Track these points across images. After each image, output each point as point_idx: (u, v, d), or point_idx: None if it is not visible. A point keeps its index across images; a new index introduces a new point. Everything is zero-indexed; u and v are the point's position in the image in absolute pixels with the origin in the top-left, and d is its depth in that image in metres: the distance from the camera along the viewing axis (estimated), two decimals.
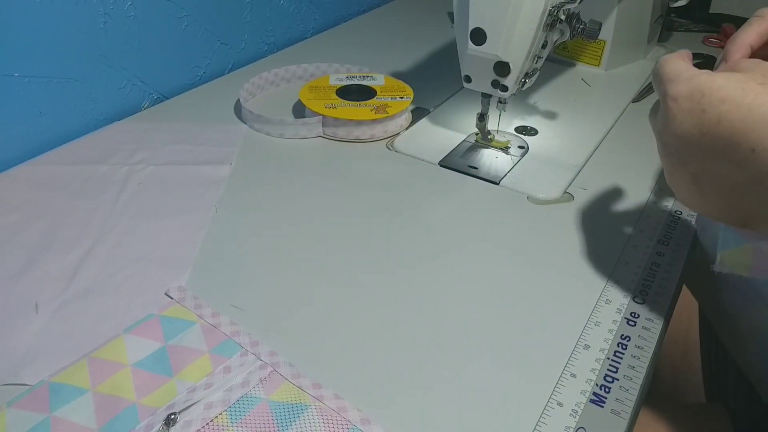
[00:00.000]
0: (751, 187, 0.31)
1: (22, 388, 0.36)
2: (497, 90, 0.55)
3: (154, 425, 0.34)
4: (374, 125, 0.61)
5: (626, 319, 0.41)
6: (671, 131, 0.33)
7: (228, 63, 0.78)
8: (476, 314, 0.42)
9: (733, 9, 0.93)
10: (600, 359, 0.38)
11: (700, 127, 0.31)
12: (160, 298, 0.42)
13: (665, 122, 0.33)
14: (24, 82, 0.57)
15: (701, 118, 0.31)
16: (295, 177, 0.56)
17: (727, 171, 0.31)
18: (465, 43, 0.53)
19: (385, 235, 0.49)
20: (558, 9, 0.51)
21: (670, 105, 0.33)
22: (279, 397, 0.35)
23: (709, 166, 0.32)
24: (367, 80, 0.67)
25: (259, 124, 0.63)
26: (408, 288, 0.44)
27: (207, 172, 0.56)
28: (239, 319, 0.41)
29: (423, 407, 0.35)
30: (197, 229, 0.49)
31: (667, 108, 0.33)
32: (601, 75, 0.77)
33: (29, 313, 0.41)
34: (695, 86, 0.32)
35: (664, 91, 0.33)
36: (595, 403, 0.36)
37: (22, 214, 0.50)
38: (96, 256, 0.46)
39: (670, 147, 0.34)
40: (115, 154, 0.58)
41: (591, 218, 0.51)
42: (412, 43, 0.85)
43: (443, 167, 0.58)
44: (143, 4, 0.65)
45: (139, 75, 0.67)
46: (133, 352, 0.38)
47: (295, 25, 0.87)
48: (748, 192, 0.31)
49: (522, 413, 0.35)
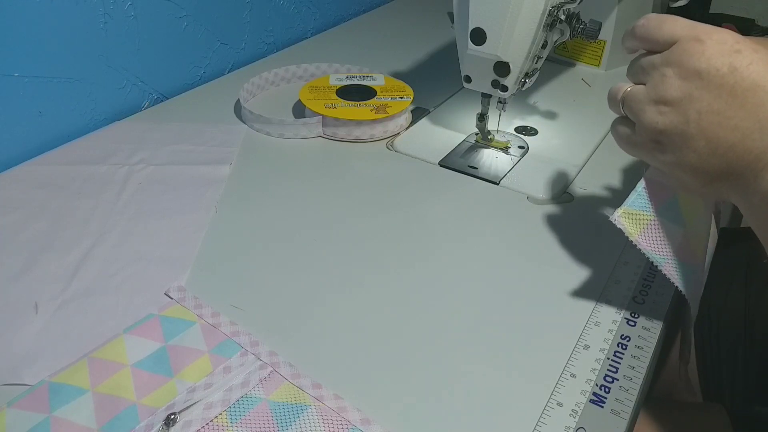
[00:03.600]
0: (755, 132, 0.32)
1: (22, 388, 0.36)
2: (497, 90, 0.55)
3: (154, 425, 0.34)
4: (374, 125, 0.61)
5: (626, 319, 0.41)
6: (695, 67, 0.33)
7: (228, 63, 0.78)
8: (476, 314, 0.42)
9: (733, 9, 0.93)
10: (600, 359, 0.38)
11: (730, 65, 0.32)
12: (160, 298, 0.42)
13: (689, 59, 0.33)
14: (24, 82, 0.57)
15: (734, 57, 0.32)
16: (295, 177, 0.56)
17: (736, 113, 0.32)
18: (465, 43, 0.53)
19: (385, 235, 0.49)
20: (558, 9, 0.51)
21: (701, 42, 0.33)
22: (279, 397, 0.35)
23: (721, 104, 0.32)
24: (367, 80, 0.67)
25: (259, 124, 0.63)
26: (408, 288, 0.44)
27: (207, 172, 0.56)
28: (239, 319, 0.41)
29: (423, 407, 0.35)
30: (197, 229, 0.49)
31: (695, 46, 0.33)
32: (601, 75, 0.77)
33: (29, 313, 0.41)
34: (726, 35, 0.33)
35: (691, 38, 0.34)
36: (595, 403, 0.36)
37: (22, 214, 0.50)
38: (96, 256, 0.46)
39: (685, 82, 0.34)
40: (115, 154, 0.58)
41: (591, 218, 0.51)
42: (412, 43, 0.85)
43: (443, 167, 0.58)
44: (143, 4, 0.65)
45: (139, 75, 0.67)
46: (133, 352, 0.38)
47: (295, 25, 0.87)
48: (748, 137, 0.32)
49: (522, 413, 0.35)
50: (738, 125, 0.32)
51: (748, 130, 0.32)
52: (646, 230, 0.37)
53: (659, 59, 0.35)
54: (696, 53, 0.33)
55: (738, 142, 0.32)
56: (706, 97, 0.33)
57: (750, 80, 0.32)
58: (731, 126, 0.32)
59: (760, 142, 0.32)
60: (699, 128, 0.33)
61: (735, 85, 0.32)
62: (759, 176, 0.32)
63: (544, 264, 0.46)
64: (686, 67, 0.34)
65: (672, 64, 0.34)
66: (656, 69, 0.35)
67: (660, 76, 0.35)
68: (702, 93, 0.33)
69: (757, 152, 0.32)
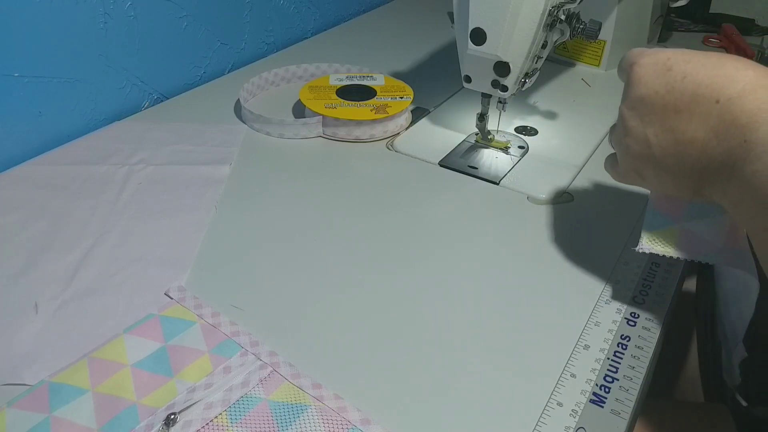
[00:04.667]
0: (712, 140, 0.32)
1: (22, 388, 0.36)
2: (497, 90, 0.55)
3: (154, 425, 0.34)
4: (374, 125, 0.61)
5: (626, 319, 0.41)
6: (637, 94, 0.35)
7: (228, 63, 0.78)
8: (476, 314, 0.42)
9: (733, 9, 0.93)
10: (600, 359, 0.38)
11: (666, 85, 0.34)
12: (160, 298, 0.42)
13: (631, 89, 0.36)
14: (24, 82, 0.57)
15: (667, 76, 0.34)
16: (295, 177, 0.56)
17: (687, 126, 0.33)
18: (465, 43, 0.53)
19: (385, 235, 0.49)
20: (558, 9, 0.51)
21: (637, 70, 0.36)
22: (279, 397, 0.35)
23: (671, 122, 0.34)
24: (367, 80, 0.67)
25: (259, 124, 0.63)
26: (408, 288, 0.44)
27: (207, 172, 0.56)
28: (239, 319, 0.41)
29: (423, 407, 0.35)
30: (197, 229, 0.49)
31: (634, 74, 0.36)
32: (601, 75, 0.77)
33: (29, 313, 0.41)
34: (660, 55, 0.35)
35: (630, 65, 0.37)
36: (595, 403, 0.36)
37: (22, 214, 0.50)
38: (96, 256, 0.46)
39: (634, 112, 0.36)
40: (115, 154, 0.58)
41: (591, 218, 0.51)
42: (412, 43, 0.85)
43: (443, 167, 0.58)
44: (143, 4, 0.65)
45: (139, 75, 0.67)
46: (133, 352, 0.38)
47: (295, 25, 0.87)
48: (707, 145, 0.33)
49: (522, 413, 0.35)
50: (694, 137, 0.33)
51: (704, 139, 0.33)
52: (681, 241, 0.36)
53: (621, 107, 0.38)
54: (635, 82, 0.36)
55: (701, 153, 0.33)
56: (656, 120, 0.34)
57: (689, 93, 0.33)
58: (688, 140, 0.33)
59: (719, 148, 0.32)
60: (662, 149, 0.35)
61: (677, 102, 0.33)
62: (731, 180, 0.32)
63: (543, 264, 0.46)
64: (631, 97, 0.36)
65: (623, 100, 0.37)
66: (619, 108, 0.38)
67: (620, 113, 0.37)
68: (651, 117, 0.35)
69: (720, 159, 0.32)
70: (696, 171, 0.34)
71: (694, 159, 0.34)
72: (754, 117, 0.31)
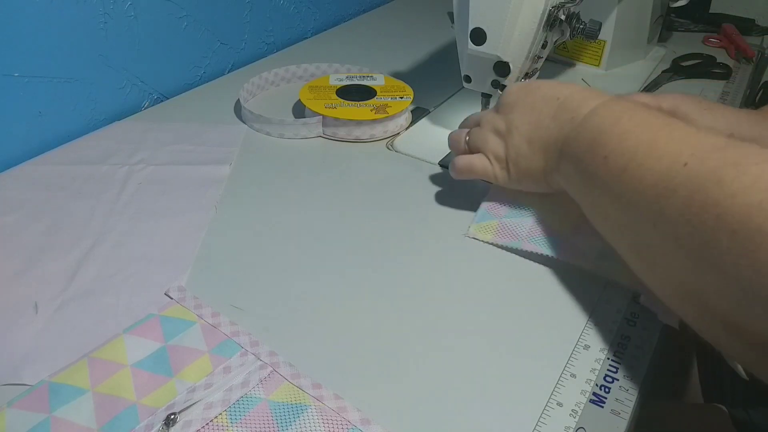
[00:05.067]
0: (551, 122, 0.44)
1: (22, 388, 0.36)
2: (497, 90, 0.55)
3: (154, 425, 0.34)
4: (374, 125, 0.61)
5: (626, 319, 0.41)
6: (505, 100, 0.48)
7: (228, 63, 0.78)
8: (476, 314, 0.42)
9: (733, 9, 0.93)
10: (600, 359, 0.38)
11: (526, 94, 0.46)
12: (160, 298, 0.42)
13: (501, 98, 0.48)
14: (24, 82, 0.57)
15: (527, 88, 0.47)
16: (295, 177, 0.56)
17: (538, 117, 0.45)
18: (465, 43, 0.53)
19: (385, 235, 0.49)
20: (558, 9, 0.51)
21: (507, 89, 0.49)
22: (279, 397, 0.35)
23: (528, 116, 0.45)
24: (367, 80, 0.67)
25: (259, 124, 0.63)
26: (408, 288, 0.44)
27: (207, 172, 0.56)
28: (239, 319, 0.41)
29: (423, 407, 0.35)
30: (197, 229, 0.49)
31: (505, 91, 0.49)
32: (601, 75, 0.77)
33: (29, 313, 0.41)
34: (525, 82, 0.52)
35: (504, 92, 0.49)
36: (595, 404, 0.36)
37: (22, 214, 0.50)
38: (96, 256, 0.46)
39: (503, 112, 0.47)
40: (115, 154, 0.58)
41: None
42: (412, 43, 0.85)
43: (443, 167, 0.58)
44: (143, 4, 0.65)
45: (139, 75, 0.67)
46: (133, 352, 0.38)
47: (295, 25, 0.87)
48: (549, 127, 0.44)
49: (522, 413, 0.35)
50: (540, 123, 0.44)
51: (547, 124, 0.44)
52: (498, 232, 0.47)
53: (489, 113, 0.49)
54: (505, 94, 0.48)
55: (545, 135, 0.44)
56: (518, 115, 0.46)
57: (540, 96, 0.45)
58: (538, 127, 0.44)
59: (555, 129, 0.43)
60: (520, 135, 0.45)
61: (533, 102, 0.45)
62: (563, 157, 0.42)
63: (544, 264, 0.46)
64: (503, 103, 0.48)
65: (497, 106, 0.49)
66: (486, 116, 0.49)
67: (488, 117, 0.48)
68: (515, 114, 0.46)
69: (555, 136, 0.43)
70: (542, 151, 0.44)
71: (542, 140, 0.44)
72: (582, 102, 0.42)
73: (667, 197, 0.33)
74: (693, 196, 0.31)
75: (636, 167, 0.35)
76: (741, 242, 0.28)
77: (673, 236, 0.32)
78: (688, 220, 0.31)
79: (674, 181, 0.33)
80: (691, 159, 0.32)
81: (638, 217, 0.35)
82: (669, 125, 0.36)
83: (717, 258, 0.30)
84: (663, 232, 0.33)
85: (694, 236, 0.31)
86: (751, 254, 0.28)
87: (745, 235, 0.28)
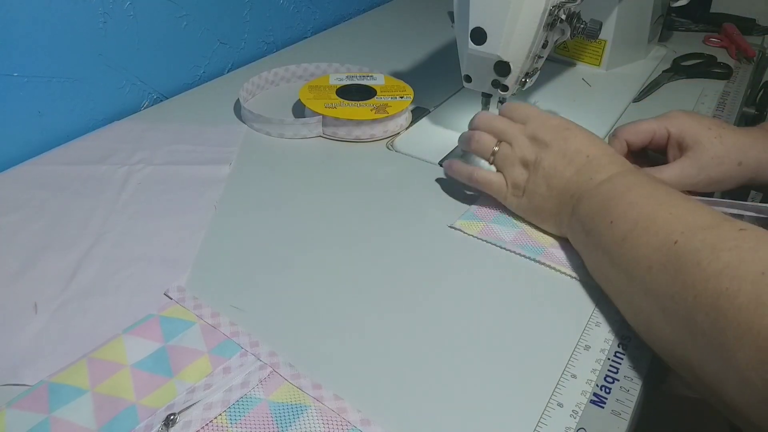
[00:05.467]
0: (574, 174, 0.45)
1: (21, 388, 0.36)
2: (497, 90, 0.55)
3: (153, 426, 0.34)
4: (374, 125, 0.61)
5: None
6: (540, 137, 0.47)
7: (228, 63, 0.78)
8: (477, 314, 0.42)
9: (734, 8, 0.93)
10: (600, 360, 0.38)
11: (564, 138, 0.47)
12: (159, 298, 0.42)
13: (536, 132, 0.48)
14: (24, 82, 0.57)
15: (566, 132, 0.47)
16: (295, 177, 0.56)
17: (565, 168, 0.45)
18: (465, 42, 0.53)
19: (384, 235, 0.49)
20: (558, 8, 0.51)
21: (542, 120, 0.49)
22: (279, 397, 0.35)
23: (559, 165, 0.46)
24: (367, 80, 0.67)
25: (259, 124, 0.63)
26: (408, 288, 0.44)
27: (207, 172, 0.56)
28: (239, 320, 0.41)
29: (423, 408, 0.35)
30: (197, 229, 0.49)
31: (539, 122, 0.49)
32: (602, 75, 0.77)
33: (29, 313, 0.41)
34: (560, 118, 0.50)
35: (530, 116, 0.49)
36: (596, 404, 0.36)
37: (22, 214, 0.50)
38: (96, 256, 0.46)
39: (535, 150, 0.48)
40: (115, 154, 0.58)
41: None
42: (412, 43, 0.85)
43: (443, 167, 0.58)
44: (143, 3, 0.64)
45: (138, 75, 0.67)
46: (132, 352, 0.38)
47: (295, 25, 0.87)
48: (572, 178, 0.45)
49: (522, 413, 0.35)
50: (564, 173, 0.45)
51: (570, 174, 0.45)
52: (483, 230, 0.49)
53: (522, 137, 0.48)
54: (545, 125, 0.47)
55: (565, 186, 0.45)
56: (547, 156, 0.46)
57: (574, 145, 0.46)
58: (564, 177, 0.45)
59: (576, 182, 0.44)
60: (544, 176, 0.46)
61: (566, 150, 0.46)
62: (573, 213, 0.44)
63: (544, 264, 0.46)
64: (538, 133, 0.47)
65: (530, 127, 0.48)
66: (518, 138, 0.48)
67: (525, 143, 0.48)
68: (546, 154, 0.46)
69: (573, 190, 0.44)
70: (557, 198, 0.45)
71: (560, 189, 0.45)
72: (604, 167, 0.44)
73: (658, 271, 0.35)
74: (677, 274, 0.34)
75: (635, 238, 0.38)
76: (713, 323, 0.31)
77: (661, 308, 0.35)
78: (672, 296, 0.34)
79: (664, 258, 0.35)
80: (681, 237, 0.35)
81: (633, 284, 0.37)
82: (672, 201, 0.38)
83: (696, 335, 0.32)
84: (652, 303, 0.36)
85: (678, 312, 0.33)
86: (721, 334, 0.30)
87: (716, 317, 0.31)
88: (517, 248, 0.47)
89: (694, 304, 0.32)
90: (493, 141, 0.49)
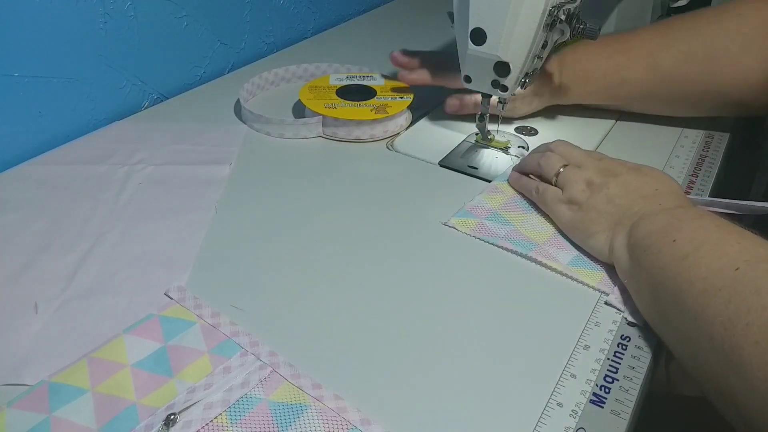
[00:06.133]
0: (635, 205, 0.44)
1: (22, 388, 0.36)
2: (497, 90, 0.55)
3: (153, 425, 0.34)
4: (374, 125, 0.61)
5: (626, 319, 0.41)
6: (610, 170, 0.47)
7: (228, 63, 0.78)
8: (476, 314, 0.42)
9: None
10: (600, 359, 0.38)
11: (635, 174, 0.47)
12: (160, 298, 0.42)
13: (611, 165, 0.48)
14: (24, 82, 0.57)
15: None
16: (295, 177, 0.56)
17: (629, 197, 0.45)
18: (465, 43, 0.53)
19: (384, 235, 0.49)
20: (558, 9, 0.51)
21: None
22: (279, 397, 0.35)
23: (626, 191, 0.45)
24: (367, 80, 0.67)
25: (259, 124, 0.63)
26: (408, 288, 0.44)
27: (207, 172, 0.56)
28: (239, 320, 0.41)
29: (423, 408, 0.35)
30: (197, 229, 0.49)
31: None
32: None
33: (29, 313, 0.41)
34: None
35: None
36: (595, 404, 0.36)
37: (22, 214, 0.50)
38: (96, 256, 0.46)
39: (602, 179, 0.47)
40: (115, 154, 0.58)
41: None
42: (412, 43, 0.85)
43: (443, 167, 0.58)
44: (143, 3, 0.65)
45: (138, 75, 0.67)
46: (132, 352, 0.38)
47: (295, 25, 0.87)
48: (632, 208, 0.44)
49: (522, 413, 0.35)
50: (630, 196, 0.45)
51: (635, 201, 0.44)
52: (476, 228, 0.49)
53: (594, 165, 0.48)
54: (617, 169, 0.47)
55: (628, 204, 0.44)
56: (615, 182, 0.45)
57: (647, 177, 0.46)
58: (629, 198, 0.45)
59: (639, 207, 0.43)
60: (607, 195, 0.45)
61: (635, 180, 0.45)
62: (634, 226, 0.43)
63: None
64: (611, 166, 0.47)
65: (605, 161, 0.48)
66: (588, 162, 0.48)
67: (595, 168, 0.47)
68: (615, 181, 0.46)
69: (637, 209, 0.44)
70: (618, 212, 0.44)
71: (626, 203, 0.44)
72: (674, 201, 0.43)
73: (711, 294, 0.34)
74: (732, 299, 0.33)
75: (696, 258, 0.37)
76: (761, 355, 0.30)
77: (709, 335, 0.34)
78: (722, 323, 0.33)
79: (721, 282, 0.34)
80: (744, 265, 0.34)
81: (683, 307, 0.36)
82: (743, 234, 0.38)
83: (743, 366, 0.31)
84: (700, 329, 0.35)
85: (725, 340, 0.33)
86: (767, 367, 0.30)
87: (765, 348, 0.30)
88: (509, 243, 0.47)
89: (744, 333, 0.32)
90: (560, 162, 0.49)
